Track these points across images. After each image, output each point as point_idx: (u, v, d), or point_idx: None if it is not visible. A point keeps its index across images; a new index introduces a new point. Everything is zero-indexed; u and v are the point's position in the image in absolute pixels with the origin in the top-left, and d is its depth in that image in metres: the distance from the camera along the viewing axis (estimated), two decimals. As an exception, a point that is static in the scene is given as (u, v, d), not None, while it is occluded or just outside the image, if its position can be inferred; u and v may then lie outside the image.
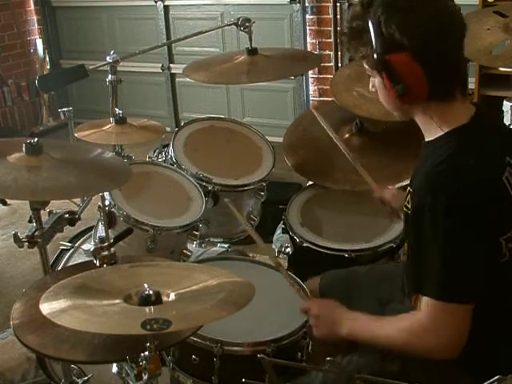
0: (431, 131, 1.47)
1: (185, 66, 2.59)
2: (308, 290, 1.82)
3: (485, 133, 1.48)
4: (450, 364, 1.46)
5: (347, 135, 2.39)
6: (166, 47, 5.27)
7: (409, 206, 1.47)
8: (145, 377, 1.27)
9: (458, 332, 1.37)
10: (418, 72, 1.37)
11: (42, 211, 1.75)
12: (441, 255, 1.35)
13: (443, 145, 1.42)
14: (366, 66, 1.50)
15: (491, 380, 1.12)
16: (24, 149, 1.68)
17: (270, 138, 2.54)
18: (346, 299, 1.82)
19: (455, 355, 1.38)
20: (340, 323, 1.57)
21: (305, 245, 2.13)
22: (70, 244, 2.38)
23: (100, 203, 1.82)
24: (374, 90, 1.55)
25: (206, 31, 2.93)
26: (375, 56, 1.39)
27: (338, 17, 4.54)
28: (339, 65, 4.58)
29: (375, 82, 1.51)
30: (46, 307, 1.21)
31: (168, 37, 5.27)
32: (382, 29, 1.37)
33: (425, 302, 1.39)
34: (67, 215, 1.81)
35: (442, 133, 1.44)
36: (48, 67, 5.68)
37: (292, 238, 2.21)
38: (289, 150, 2.44)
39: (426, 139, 1.51)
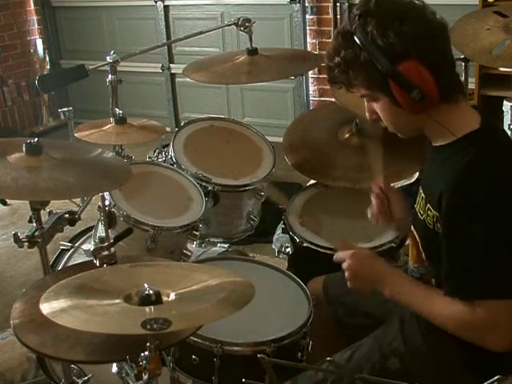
0: (441, 136, 1.47)
1: (185, 66, 2.59)
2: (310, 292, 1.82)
3: (498, 136, 1.49)
4: (452, 362, 1.46)
5: (347, 135, 2.39)
6: (165, 47, 5.27)
7: (431, 212, 1.46)
8: (145, 377, 1.27)
9: None
10: (426, 75, 1.38)
11: (42, 211, 1.75)
12: (489, 254, 1.35)
13: (461, 149, 1.41)
14: (364, 92, 1.47)
15: (491, 380, 1.11)
16: (24, 149, 1.68)
17: (270, 138, 2.54)
18: (350, 300, 1.82)
19: None
20: (381, 282, 1.53)
21: (305, 245, 2.13)
22: (70, 244, 2.38)
23: (100, 203, 1.82)
24: (374, 116, 1.52)
25: (206, 31, 2.93)
26: (382, 71, 1.38)
27: (338, 17, 4.55)
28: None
29: (377, 105, 1.48)
30: (46, 307, 1.21)
31: (168, 37, 5.27)
32: (379, 42, 1.37)
33: (483, 303, 1.36)
34: (67, 215, 1.81)
35: (454, 138, 1.44)
36: (48, 67, 5.68)
37: (292, 238, 2.21)
38: (289, 149, 2.44)
39: (436, 144, 1.50)
